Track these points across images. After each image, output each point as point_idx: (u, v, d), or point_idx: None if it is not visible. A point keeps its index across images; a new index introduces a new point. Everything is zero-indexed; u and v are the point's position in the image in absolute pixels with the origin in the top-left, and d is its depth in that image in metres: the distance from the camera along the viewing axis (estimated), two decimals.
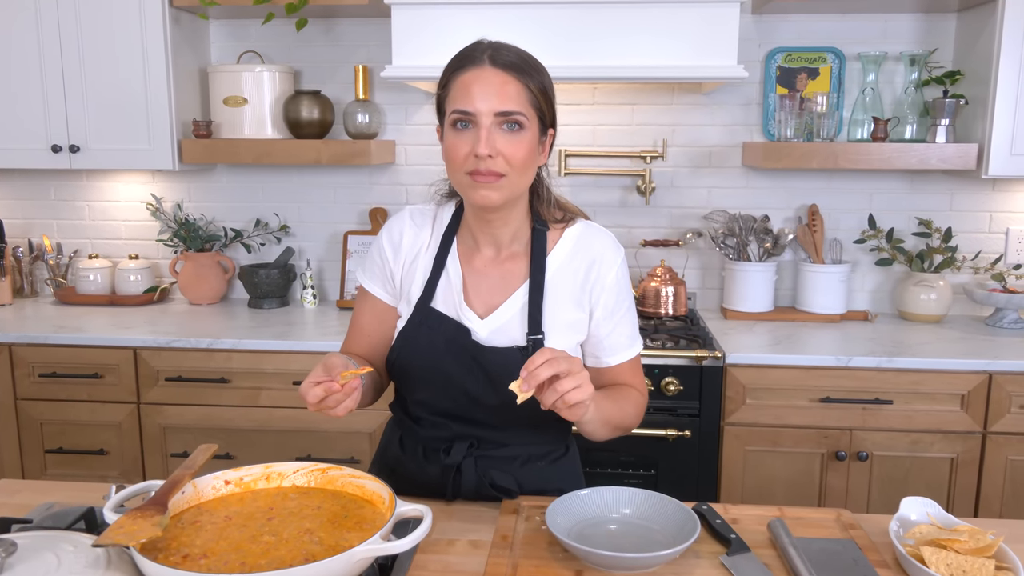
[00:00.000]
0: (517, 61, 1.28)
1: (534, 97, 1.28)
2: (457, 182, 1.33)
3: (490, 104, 1.25)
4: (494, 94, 1.25)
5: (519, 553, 1.18)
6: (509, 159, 1.26)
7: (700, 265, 2.98)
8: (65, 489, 1.43)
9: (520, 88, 1.27)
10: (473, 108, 1.25)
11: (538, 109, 1.30)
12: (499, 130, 1.26)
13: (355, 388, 1.21)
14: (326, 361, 1.23)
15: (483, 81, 1.25)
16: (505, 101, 1.25)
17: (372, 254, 1.48)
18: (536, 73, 1.30)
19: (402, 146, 2.98)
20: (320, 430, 2.51)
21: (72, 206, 3.12)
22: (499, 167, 1.26)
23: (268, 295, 2.93)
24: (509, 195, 1.30)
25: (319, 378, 1.19)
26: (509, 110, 1.25)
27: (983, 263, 2.83)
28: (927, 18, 2.76)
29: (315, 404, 1.19)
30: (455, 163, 1.29)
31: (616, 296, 1.40)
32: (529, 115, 1.28)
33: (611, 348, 1.41)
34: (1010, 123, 2.47)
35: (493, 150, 1.25)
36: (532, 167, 1.33)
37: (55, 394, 2.55)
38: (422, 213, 1.46)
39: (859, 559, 1.17)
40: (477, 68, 1.27)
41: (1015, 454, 2.34)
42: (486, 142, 1.25)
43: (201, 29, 2.91)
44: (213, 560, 1.02)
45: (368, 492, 1.19)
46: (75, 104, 2.70)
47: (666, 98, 2.88)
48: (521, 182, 1.31)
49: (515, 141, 1.27)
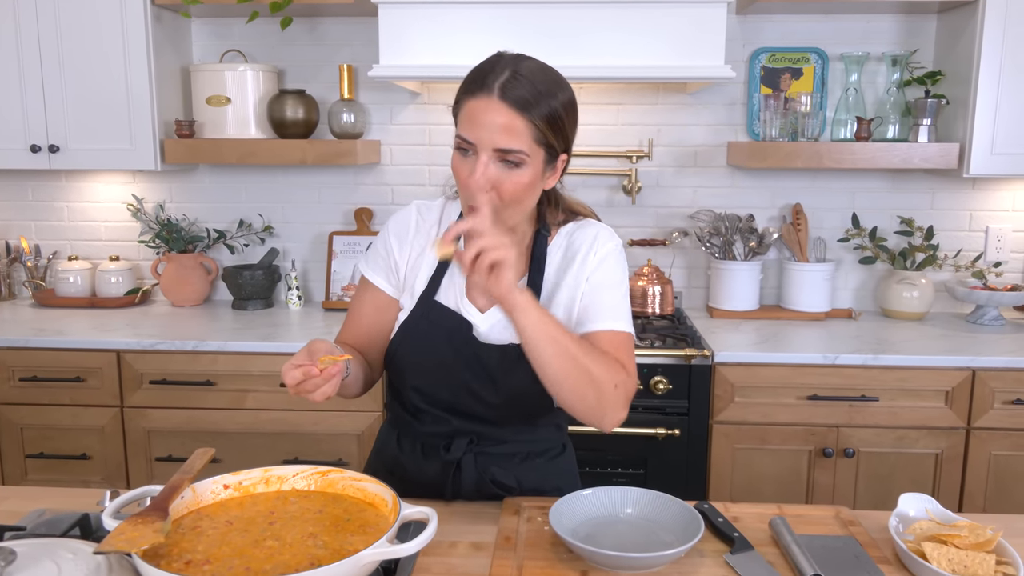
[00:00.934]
0: (527, 96, 1.23)
1: (540, 133, 1.25)
2: (461, 195, 1.34)
3: (492, 140, 1.23)
4: (496, 131, 1.23)
5: (523, 554, 1.18)
6: (501, 194, 1.26)
7: (686, 264, 2.99)
8: (55, 495, 1.41)
9: (525, 126, 1.23)
10: (475, 138, 1.24)
11: (545, 144, 1.27)
12: (497, 164, 1.25)
13: (334, 374, 1.20)
14: (310, 345, 1.22)
15: (488, 115, 1.23)
16: (506, 140, 1.23)
17: (377, 246, 1.47)
18: (548, 102, 1.25)
19: (387, 146, 2.96)
20: (307, 432, 2.49)
21: (50, 207, 3.07)
22: (491, 199, 1.26)
23: (252, 296, 2.91)
24: (499, 222, 1.27)
25: (300, 361, 1.19)
26: (509, 148, 1.23)
27: (964, 261, 2.86)
28: (908, 19, 2.80)
29: (293, 387, 1.18)
30: (458, 182, 1.31)
31: (603, 270, 1.38)
32: (532, 152, 1.25)
33: (596, 316, 1.35)
34: (991, 123, 2.51)
35: (487, 184, 1.25)
36: (529, 198, 1.32)
37: (36, 398, 2.50)
38: (429, 208, 1.47)
39: (861, 555, 1.18)
40: (485, 98, 1.24)
41: (998, 449, 2.37)
42: (482, 175, 1.24)
43: (183, 28, 2.87)
44: (217, 565, 1.00)
45: (370, 495, 1.18)
46: (54, 103, 2.66)
47: (651, 98, 2.89)
48: (513, 215, 1.31)
49: (512, 177, 1.25)
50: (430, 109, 2.93)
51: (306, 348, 1.22)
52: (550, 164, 1.32)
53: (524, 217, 1.39)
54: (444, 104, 2.91)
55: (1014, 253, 2.90)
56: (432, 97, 2.92)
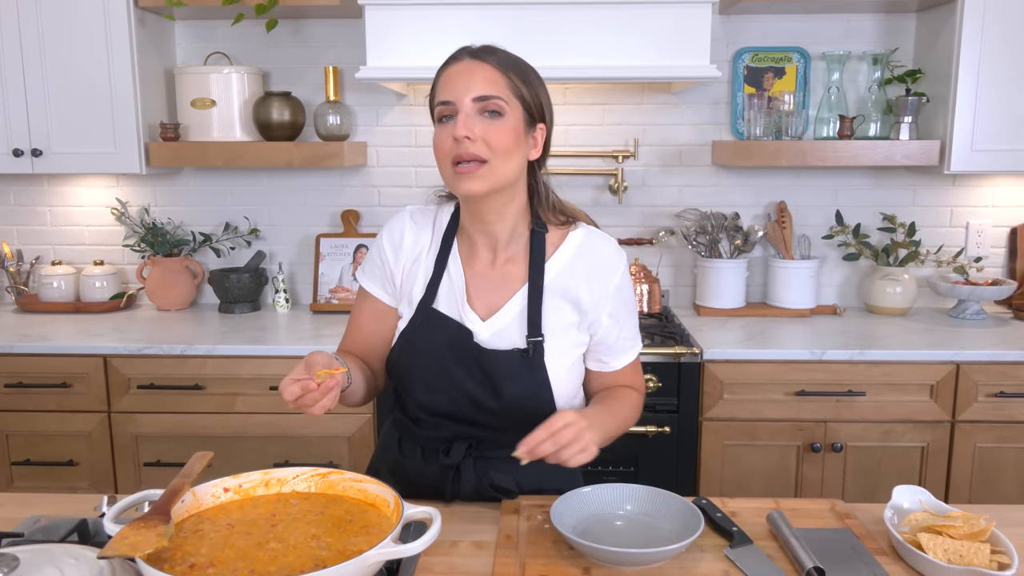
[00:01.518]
0: (500, 54, 1.32)
1: (515, 86, 1.30)
2: (445, 176, 1.34)
3: (469, 90, 1.28)
4: (472, 80, 1.29)
5: (525, 552, 1.18)
6: (489, 143, 1.28)
7: (672, 263, 3.01)
8: (50, 502, 1.40)
9: (499, 75, 1.30)
10: (453, 96, 1.28)
11: (521, 99, 1.32)
12: (479, 116, 1.28)
13: (331, 387, 1.20)
14: (308, 359, 1.23)
15: (462, 71, 1.30)
16: (483, 86, 1.28)
17: (372, 255, 1.47)
18: (519, 70, 1.33)
19: (373, 148, 2.96)
20: (297, 435, 2.48)
21: (33, 211, 3.04)
22: (480, 151, 1.27)
23: (239, 300, 2.89)
24: (493, 183, 1.30)
25: (299, 376, 1.19)
26: (486, 94, 1.28)
27: (945, 256, 2.90)
28: (888, 18, 2.83)
29: (292, 401, 1.19)
30: (441, 155, 1.31)
31: (621, 302, 1.42)
32: (509, 101, 1.30)
33: (616, 352, 1.44)
34: (970, 120, 2.55)
35: (472, 133, 1.27)
36: (517, 155, 1.32)
37: (22, 404, 2.48)
38: (423, 214, 1.46)
39: (857, 547, 1.19)
40: (459, 62, 1.32)
41: (982, 441, 2.41)
42: (463, 124, 1.27)
43: (166, 30, 2.85)
44: (221, 568, 1.00)
45: (371, 496, 1.18)
46: (37, 107, 2.63)
47: (636, 98, 2.90)
48: (505, 169, 1.31)
49: (495, 126, 1.29)
50: (416, 111, 2.93)
51: (304, 362, 1.22)
52: (529, 129, 1.34)
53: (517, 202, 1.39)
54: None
55: (994, 248, 2.94)
56: (418, 99, 2.92)
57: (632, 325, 1.46)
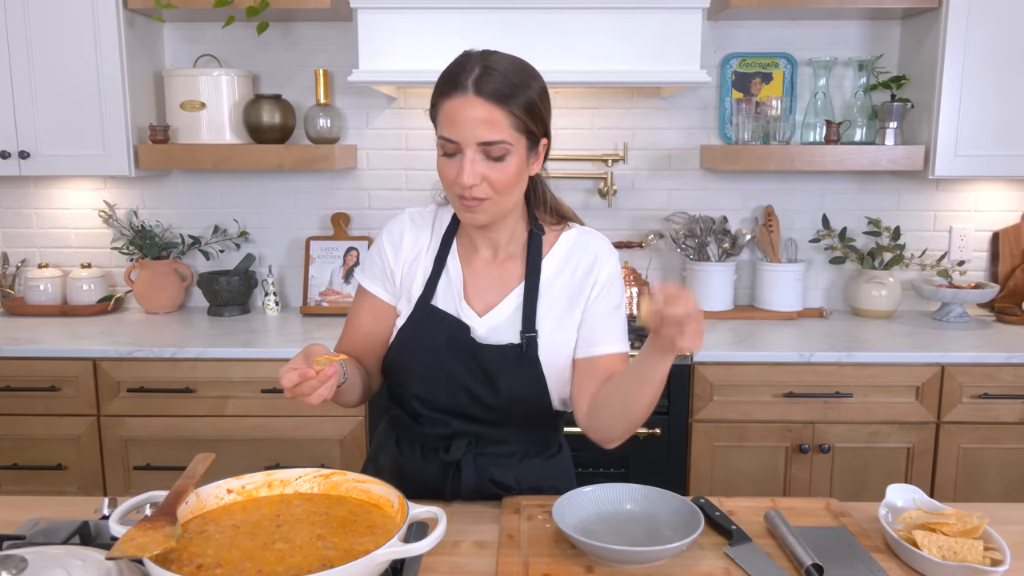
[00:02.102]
0: (502, 87, 1.26)
1: (519, 121, 1.28)
2: (450, 199, 1.37)
3: (474, 135, 1.26)
4: (477, 125, 1.26)
5: (528, 552, 1.19)
6: (493, 184, 1.29)
7: (662, 266, 3.03)
8: (48, 504, 1.39)
9: (503, 116, 1.27)
10: (457, 137, 1.28)
11: (525, 131, 1.30)
12: (482, 159, 1.28)
13: (330, 375, 1.21)
14: (306, 349, 1.24)
15: (466, 111, 1.26)
16: (488, 132, 1.26)
17: (372, 254, 1.49)
18: (524, 92, 1.28)
19: (364, 150, 2.96)
20: (288, 438, 2.48)
21: (19, 214, 3.01)
22: (482, 193, 1.30)
23: (229, 303, 2.88)
24: (495, 214, 1.35)
25: (297, 364, 1.20)
26: (492, 140, 1.27)
27: (929, 260, 2.95)
28: (872, 25, 2.87)
29: (290, 389, 1.20)
30: (445, 184, 1.34)
31: (611, 292, 1.42)
32: (515, 140, 1.29)
33: (603, 338, 1.40)
34: (954, 126, 2.59)
35: (477, 178, 1.28)
36: (519, 185, 1.35)
37: (9, 408, 2.46)
38: (422, 215, 1.48)
39: (853, 545, 1.21)
40: (461, 96, 1.27)
41: (967, 442, 2.45)
42: (469, 172, 1.27)
43: (155, 32, 2.84)
44: (228, 569, 1.01)
45: (374, 496, 1.19)
46: (24, 109, 2.61)
47: (626, 102, 2.92)
48: (506, 202, 1.34)
49: (499, 168, 1.29)
50: (406, 113, 2.93)
51: (302, 352, 1.24)
52: (532, 150, 1.35)
53: (517, 209, 1.41)
54: (420, 108, 2.92)
55: (976, 252, 2.99)
56: (408, 102, 2.93)
57: (620, 320, 1.43)
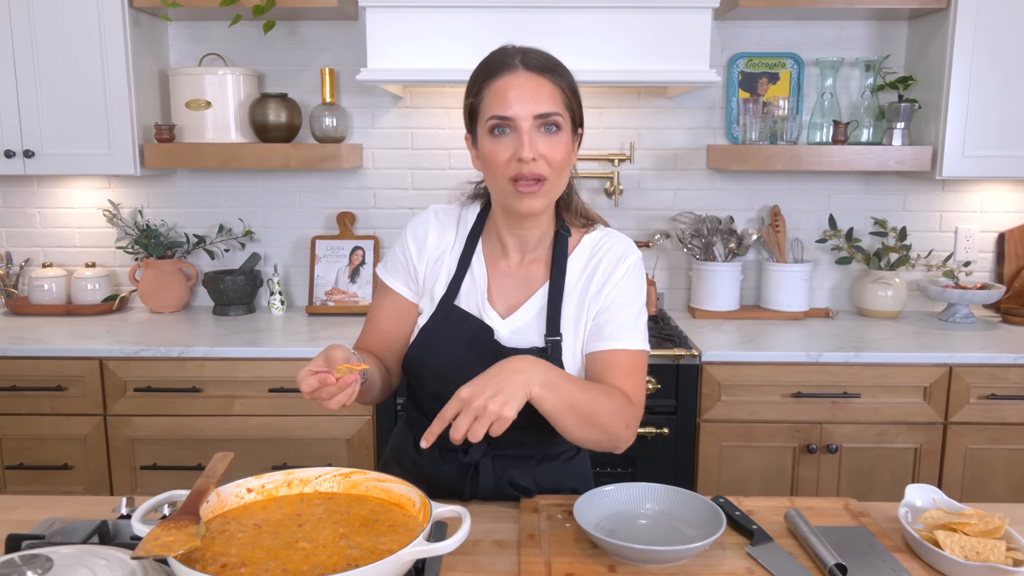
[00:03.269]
0: (548, 63, 1.31)
1: (567, 98, 1.31)
2: (499, 188, 1.33)
3: (528, 108, 1.27)
4: (531, 97, 1.27)
5: (549, 551, 1.19)
6: (550, 161, 1.28)
7: (668, 266, 3.03)
8: (65, 504, 1.38)
9: (554, 89, 1.29)
10: (512, 113, 1.27)
11: (570, 109, 1.32)
12: (538, 133, 1.28)
13: (349, 383, 1.20)
14: (327, 352, 1.22)
15: (519, 86, 1.27)
16: (542, 103, 1.27)
17: (395, 251, 1.48)
18: (566, 73, 1.33)
19: (369, 150, 2.96)
20: (296, 438, 2.47)
21: (22, 213, 3.00)
22: (541, 169, 1.28)
23: (234, 302, 2.87)
24: (551, 199, 1.33)
25: (318, 367, 1.19)
26: (547, 111, 1.27)
27: (935, 261, 2.95)
28: (880, 25, 2.87)
29: (308, 393, 1.19)
30: (496, 169, 1.30)
31: (626, 286, 1.39)
32: (564, 116, 1.31)
33: (607, 333, 1.37)
34: (962, 126, 2.59)
35: (536, 153, 1.27)
36: (567, 169, 1.35)
37: (15, 408, 2.45)
38: (447, 213, 1.47)
39: (874, 544, 1.21)
40: (511, 73, 1.29)
41: (974, 443, 2.45)
42: (529, 146, 1.26)
43: (160, 31, 2.84)
44: (253, 568, 1.00)
45: (395, 495, 1.18)
46: (29, 108, 2.60)
47: (632, 102, 2.92)
48: (559, 184, 1.34)
49: (554, 143, 1.29)
50: (412, 113, 2.93)
51: (323, 354, 1.22)
52: (574, 135, 1.35)
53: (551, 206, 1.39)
54: (427, 108, 2.92)
55: (982, 253, 3.00)
56: (414, 101, 2.92)
57: (632, 316, 1.38)
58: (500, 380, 1.17)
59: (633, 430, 1.33)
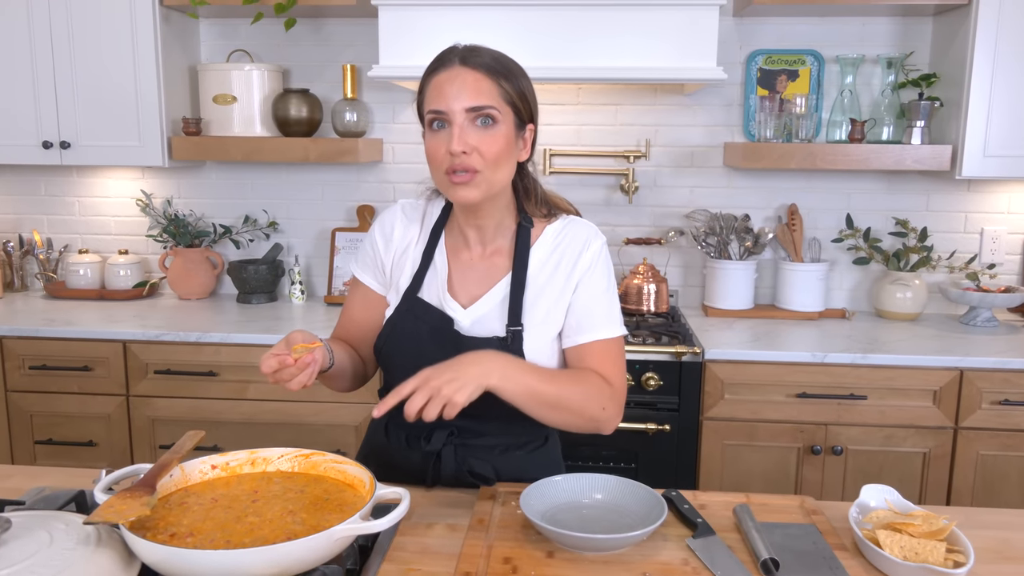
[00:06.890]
0: (489, 61, 1.33)
1: (506, 93, 1.33)
2: (438, 182, 1.38)
3: (462, 101, 1.30)
4: (465, 91, 1.30)
5: (494, 535, 1.23)
6: (483, 154, 1.31)
7: (682, 263, 3.03)
8: (56, 474, 1.47)
9: (491, 84, 1.32)
10: (446, 107, 1.30)
11: (512, 105, 1.34)
12: (472, 126, 1.31)
13: (308, 363, 1.26)
14: (288, 336, 1.30)
15: (454, 80, 1.31)
16: (475, 96, 1.30)
17: (365, 245, 1.54)
18: (509, 72, 1.35)
19: (389, 144, 3.02)
20: (307, 423, 2.55)
21: (62, 201, 3.15)
22: (474, 163, 1.31)
23: (257, 290, 2.97)
24: (487, 190, 1.35)
25: (278, 351, 1.26)
26: (480, 105, 1.30)
27: (958, 262, 2.89)
28: (903, 21, 2.82)
29: (270, 375, 1.26)
30: (435, 163, 1.35)
31: (594, 275, 1.42)
32: (502, 109, 1.33)
33: (584, 327, 1.41)
34: (983, 125, 2.54)
35: (467, 146, 1.30)
36: (508, 161, 1.37)
37: (45, 386, 2.58)
38: (413, 207, 1.52)
39: (818, 542, 1.22)
40: (449, 69, 1.33)
41: (985, 449, 2.40)
42: (458, 139, 1.29)
43: (190, 28, 2.94)
44: (199, 538, 1.06)
45: (350, 477, 1.24)
46: (66, 101, 2.74)
47: (649, 99, 2.93)
48: (497, 177, 1.35)
49: (488, 136, 1.31)
50: None
51: (284, 339, 1.30)
52: (520, 132, 1.38)
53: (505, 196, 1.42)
54: None
55: (1009, 255, 2.92)
56: None
57: (605, 304, 1.42)
58: (459, 368, 1.23)
59: (612, 412, 1.38)
